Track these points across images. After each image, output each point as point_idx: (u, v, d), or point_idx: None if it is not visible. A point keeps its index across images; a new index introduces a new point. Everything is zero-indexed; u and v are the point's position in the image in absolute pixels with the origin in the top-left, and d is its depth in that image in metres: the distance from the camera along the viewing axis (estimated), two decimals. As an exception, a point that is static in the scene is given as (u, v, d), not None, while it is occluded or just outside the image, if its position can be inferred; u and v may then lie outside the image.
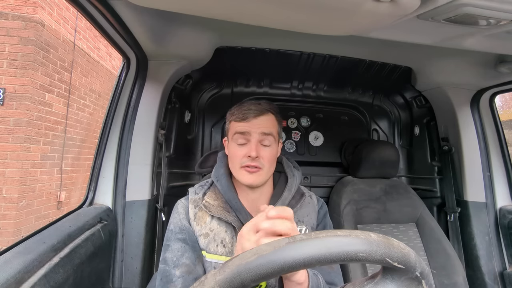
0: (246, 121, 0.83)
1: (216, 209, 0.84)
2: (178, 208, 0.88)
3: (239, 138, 0.84)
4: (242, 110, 0.85)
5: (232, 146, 0.86)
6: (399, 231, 1.41)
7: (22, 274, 0.63)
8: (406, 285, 0.41)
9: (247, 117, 0.83)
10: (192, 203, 0.88)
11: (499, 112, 1.52)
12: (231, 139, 0.86)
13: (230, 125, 0.88)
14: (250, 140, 0.83)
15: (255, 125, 0.83)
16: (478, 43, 0.85)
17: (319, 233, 0.38)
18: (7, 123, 3.27)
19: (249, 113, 0.83)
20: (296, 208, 0.88)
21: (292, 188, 0.90)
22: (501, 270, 1.34)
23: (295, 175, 0.94)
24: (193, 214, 0.86)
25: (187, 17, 0.94)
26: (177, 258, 0.79)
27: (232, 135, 0.86)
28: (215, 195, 0.88)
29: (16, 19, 3.33)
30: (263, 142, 0.84)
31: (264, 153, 0.83)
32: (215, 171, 0.93)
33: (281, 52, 1.31)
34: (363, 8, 0.62)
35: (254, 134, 0.83)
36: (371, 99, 1.85)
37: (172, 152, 1.43)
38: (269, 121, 0.86)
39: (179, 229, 0.84)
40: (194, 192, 0.91)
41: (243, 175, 0.83)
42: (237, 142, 0.84)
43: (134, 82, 1.15)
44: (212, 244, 0.81)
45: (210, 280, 0.37)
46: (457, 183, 1.49)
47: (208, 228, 0.83)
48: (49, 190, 3.78)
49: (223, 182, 0.88)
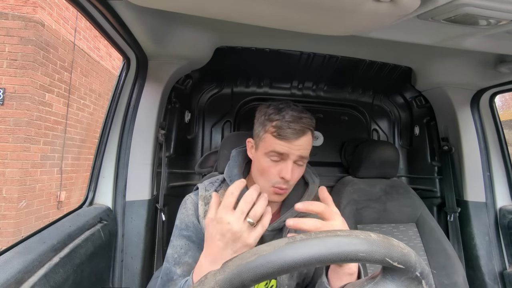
0: (287, 141, 0.77)
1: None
2: (186, 203, 0.86)
3: (275, 156, 0.79)
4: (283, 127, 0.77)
5: (264, 160, 0.80)
6: (399, 231, 1.41)
7: (22, 274, 0.62)
8: (406, 285, 0.41)
9: (288, 138, 0.77)
10: (202, 200, 0.85)
11: (499, 112, 1.52)
12: (265, 153, 0.80)
13: (265, 136, 0.80)
14: (287, 161, 0.78)
15: (295, 147, 0.77)
16: (478, 43, 0.85)
17: (319, 233, 0.38)
18: (7, 123, 3.27)
19: (292, 133, 0.77)
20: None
21: (312, 194, 0.88)
22: (501, 270, 1.34)
23: (315, 182, 0.92)
24: (202, 211, 0.83)
25: (187, 17, 0.94)
26: (179, 255, 0.78)
27: (268, 150, 0.79)
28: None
29: (16, 19, 3.33)
30: (297, 162, 0.80)
31: (296, 174, 0.80)
32: (228, 170, 0.89)
33: (281, 52, 1.31)
34: (363, 8, 0.62)
35: (293, 156, 0.78)
36: (371, 99, 1.85)
37: (172, 152, 1.43)
38: (308, 141, 0.81)
39: (185, 225, 0.82)
40: (204, 189, 0.88)
41: (271, 194, 0.80)
42: (272, 158, 0.79)
43: (134, 82, 1.15)
44: None
45: (210, 280, 0.37)
46: (457, 183, 1.49)
47: None
48: (49, 190, 3.78)
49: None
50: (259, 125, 0.84)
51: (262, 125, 0.82)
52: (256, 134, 0.85)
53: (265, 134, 0.80)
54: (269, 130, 0.79)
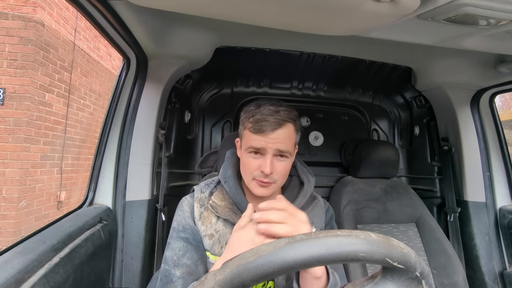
0: (263, 134, 0.76)
1: (223, 210, 0.82)
2: (183, 205, 0.86)
3: (253, 151, 0.79)
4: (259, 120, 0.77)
5: (245, 155, 0.81)
6: (399, 231, 1.41)
7: (22, 274, 0.62)
8: (406, 285, 0.41)
9: (263, 131, 0.76)
10: (197, 202, 0.86)
11: (499, 112, 1.52)
12: (245, 149, 0.81)
13: (244, 133, 0.82)
14: (265, 155, 0.78)
15: (271, 140, 0.76)
16: (478, 43, 0.85)
17: (319, 233, 0.38)
18: (7, 123, 3.27)
19: (267, 125, 0.76)
20: (308, 211, 0.86)
21: (307, 194, 0.89)
22: (501, 270, 1.34)
23: (310, 181, 0.92)
24: (198, 213, 0.84)
25: (187, 17, 0.94)
26: (178, 257, 0.78)
27: (246, 146, 0.80)
28: (222, 196, 0.86)
29: (16, 19, 3.33)
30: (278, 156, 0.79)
31: (279, 168, 0.79)
32: (222, 171, 0.90)
33: (281, 52, 1.31)
34: (363, 8, 0.62)
35: (270, 149, 0.77)
36: (371, 99, 1.85)
37: (172, 152, 1.43)
38: (287, 134, 0.79)
39: (182, 228, 0.82)
40: (200, 191, 0.88)
41: (255, 187, 0.80)
42: (251, 155, 0.80)
43: (134, 82, 1.15)
44: (217, 246, 0.80)
45: (210, 280, 0.37)
46: (457, 183, 1.49)
47: (213, 229, 0.82)
48: (49, 190, 3.78)
49: (231, 184, 0.86)
50: (241, 123, 0.85)
51: (242, 123, 0.83)
52: (239, 133, 0.86)
53: (244, 131, 0.81)
54: (247, 126, 0.80)
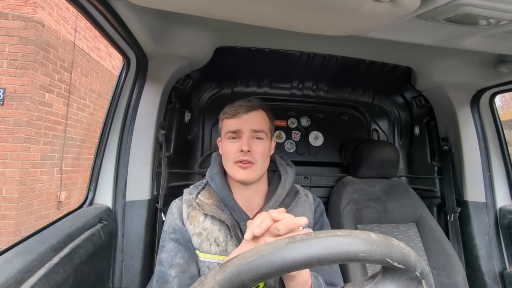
0: (237, 117, 0.85)
1: (210, 208, 0.84)
2: (172, 208, 0.89)
3: (231, 135, 0.85)
4: (233, 107, 0.87)
5: (224, 143, 0.87)
6: (399, 231, 1.41)
7: (22, 274, 0.62)
8: (406, 285, 0.41)
9: (237, 113, 0.85)
10: (186, 203, 0.88)
11: (499, 112, 1.52)
12: (224, 137, 0.88)
13: (222, 124, 0.90)
14: (242, 136, 0.84)
15: (246, 121, 0.85)
16: (478, 43, 0.85)
17: (319, 233, 0.38)
18: (7, 123, 3.27)
19: (240, 109, 0.85)
20: (292, 207, 0.88)
21: (285, 185, 0.90)
22: (501, 270, 1.34)
23: (288, 172, 0.94)
24: (186, 214, 0.86)
25: (187, 17, 0.94)
26: (171, 258, 0.81)
27: (224, 133, 0.87)
28: (209, 194, 0.89)
29: (16, 19, 3.33)
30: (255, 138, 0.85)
31: (256, 147, 0.84)
32: (209, 171, 0.94)
33: (281, 52, 1.31)
34: (363, 8, 0.62)
35: (246, 130, 0.84)
36: (371, 99, 1.85)
37: (172, 152, 1.43)
38: (260, 117, 0.87)
39: (172, 229, 0.85)
40: (188, 193, 0.91)
41: (236, 171, 0.83)
42: (230, 140, 0.86)
43: (134, 82, 1.15)
44: (206, 243, 0.81)
45: (210, 280, 0.37)
46: (457, 183, 1.49)
47: (201, 228, 0.83)
48: (49, 190, 3.78)
49: (217, 180, 0.89)
50: (219, 121, 0.92)
51: (220, 118, 0.91)
52: (219, 129, 0.93)
53: (222, 122, 0.89)
54: (223, 117, 0.89)
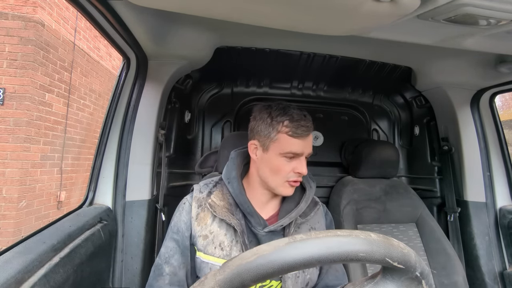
0: (302, 139, 0.83)
1: (221, 210, 0.84)
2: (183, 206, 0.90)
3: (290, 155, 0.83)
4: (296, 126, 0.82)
5: (279, 160, 0.83)
6: (399, 231, 1.41)
7: (22, 274, 0.62)
8: (406, 285, 0.41)
9: (302, 136, 0.83)
10: (196, 201, 0.89)
11: (499, 112, 1.52)
12: (281, 153, 0.83)
13: (279, 137, 0.83)
14: (300, 158, 0.84)
15: (308, 144, 0.85)
16: (478, 43, 0.85)
17: (319, 233, 0.38)
18: (7, 123, 3.27)
19: (304, 131, 0.82)
20: (310, 216, 0.91)
21: (309, 200, 0.92)
22: (501, 270, 1.34)
23: (312, 187, 0.95)
24: (195, 213, 0.87)
25: (187, 17, 0.94)
26: (169, 256, 0.84)
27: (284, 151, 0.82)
28: (222, 195, 0.89)
29: (16, 19, 3.32)
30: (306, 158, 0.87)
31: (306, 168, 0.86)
32: (226, 171, 0.92)
33: (281, 52, 1.31)
34: (363, 8, 0.62)
35: (305, 153, 0.85)
36: (371, 99, 1.85)
37: (172, 152, 1.43)
38: (311, 139, 0.88)
39: (176, 229, 0.87)
40: (198, 190, 0.91)
41: (286, 188, 0.85)
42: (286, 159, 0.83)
43: (134, 82, 1.15)
44: (210, 246, 0.82)
45: (210, 280, 0.37)
46: (457, 183, 1.49)
47: (208, 230, 0.84)
48: (49, 190, 3.78)
49: (235, 185, 0.88)
50: (266, 126, 0.84)
51: (271, 126, 0.84)
52: (263, 135, 0.85)
53: (278, 134, 0.83)
54: (283, 131, 0.82)
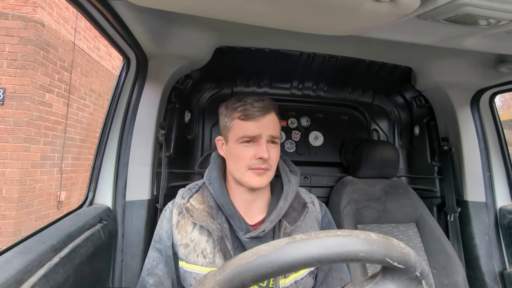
0: (255, 120, 0.78)
1: (200, 215, 0.80)
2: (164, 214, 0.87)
3: (246, 139, 0.79)
4: (245, 106, 0.79)
5: (236, 147, 0.80)
6: (399, 231, 1.41)
7: (22, 274, 0.62)
8: (406, 285, 0.41)
9: (254, 115, 0.78)
10: (177, 208, 0.85)
11: (499, 112, 1.52)
12: (236, 140, 0.80)
13: (233, 124, 0.81)
14: (260, 141, 0.78)
15: (264, 125, 0.79)
16: (478, 43, 0.85)
17: (319, 233, 0.38)
18: (7, 123, 3.27)
19: (255, 110, 0.78)
20: (300, 221, 0.82)
21: (288, 196, 0.83)
22: (501, 270, 1.34)
23: (291, 181, 0.86)
24: (176, 221, 0.83)
25: (187, 17, 0.94)
26: (152, 266, 0.81)
27: (238, 136, 0.79)
28: (202, 198, 0.84)
29: (16, 19, 3.33)
30: (270, 143, 0.80)
31: (273, 154, 0.79)
32: (208, 173, 0.88)
33: (281, 52, 1.31)
34: (363, 8, 0.62)
35: (264, 135, 0.78)
36: (371, 99, 1.85)
37: (172, 152, 1.43)
38: (275, 120, 0.82)
39: (158, 238, 0.84)
40: (181, 196, 0.87)
41: (251, 177, 0.78)
42: (245, 144, 0.79)
43: (134, 82, 1.15)
44: (192, 255, 0.78)
45: (210, 280, 0.37)
46: (457, 183, 1.49)
47: (188, 239, 0.80)
48: (49, 190, 3.78)
49: (216, 186, 0.83)
50: (224, 117, 0.84)
51: (227, 116, 0.83)
52: (223, 127, 0.85)
53: (232, 121, 0.81)
54: (235, 116, 0.80)
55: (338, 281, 0.83)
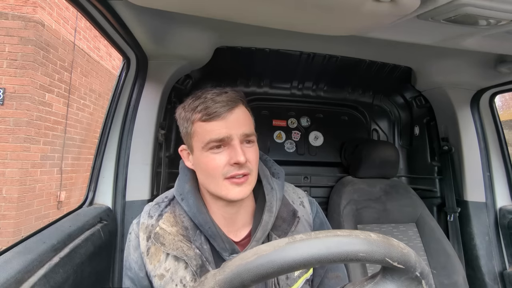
0: (220, 119, 0.63)
1: (173, 240, 0.67)
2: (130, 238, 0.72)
3: (215, 144, 0.64)
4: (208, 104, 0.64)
5: (205, 156, 0.65)
6: (399, 231, 1.41)
7: (22, 274, 0.62)
8: (406, 285, 0.41)
9: (218, 113, 0.63)
10: (143, 231, 0.69)
11: (499, 112, 1.52)
12: (203, 147, 0.65)
13: (194, 128, 0.66)
14: (231, 143, 0.64)
15: (233, 123, 0.64)
16: (478, 43, 0.85)
17: (319, 233, 0.38)
18: (7, 123, 3.27)
19: (220, 107, 0.63)
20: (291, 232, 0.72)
21: (272, 208, 0.70)
22: (501, 270, 1.34)
23: (273, 188, 0.72)
24: (145, 248, 0.68)
25: (187, 17, 0.94)
26: None
27: (204, 142, 0.64)
28: (173, 219, 0.69)
29: (16, 19, 3.32)
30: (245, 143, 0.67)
31: (250, 154, 0.66)
32: (178, 185, 0.73)
33: (281, 52, 1.31)
34: (363, 8, 0.62)
35: (236, 136, 0.64)
36: (371, 99, 1.85)
37: (172, 152, 1.43)
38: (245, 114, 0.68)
39: (128, 265, 0.72)
40: (147, 214, 0.72)
41: (229, 189, 0.64)
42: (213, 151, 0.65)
43: (134, 82, 1.15)
44: (170, 285, 0.66)
45: (210, 280, 0.37)
46: (457, 183, 1.49)
47: (163, 268, 0.67)
48: (49, 190, 3.78)
49: (191, 201, 0.69)
50: (183, 122, 0.70)
51: (186, 119, 0.68)
52: (184, 134, 0.70)
53: (194, 125, 0.66)
54: (196, 118, 0.65)
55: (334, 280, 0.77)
